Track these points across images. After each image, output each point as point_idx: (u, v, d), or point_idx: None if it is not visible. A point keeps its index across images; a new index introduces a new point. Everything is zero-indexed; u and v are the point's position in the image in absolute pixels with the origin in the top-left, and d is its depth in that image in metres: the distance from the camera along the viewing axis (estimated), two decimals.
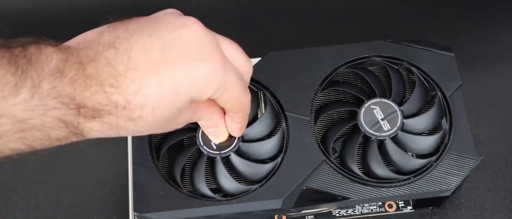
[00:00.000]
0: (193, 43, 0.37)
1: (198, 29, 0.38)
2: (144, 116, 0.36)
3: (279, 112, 0.50)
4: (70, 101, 0.35)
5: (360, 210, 0.53)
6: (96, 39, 0.37)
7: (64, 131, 0.36)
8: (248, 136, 0.49)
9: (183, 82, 0.37)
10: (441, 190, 0.48)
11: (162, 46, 0.37)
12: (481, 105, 0.59)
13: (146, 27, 0.37)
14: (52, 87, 0.34)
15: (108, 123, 0.36)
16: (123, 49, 0.36)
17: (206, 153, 0.48)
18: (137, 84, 0.36)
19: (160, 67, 0.36)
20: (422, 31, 0.64)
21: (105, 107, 0.35)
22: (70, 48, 0.36)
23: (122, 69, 0.35)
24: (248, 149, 0.49)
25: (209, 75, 0.37)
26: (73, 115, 0.35)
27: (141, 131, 0.38)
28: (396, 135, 0.49)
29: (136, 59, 0.36)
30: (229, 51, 0.40)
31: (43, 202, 0.57)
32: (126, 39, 0.36)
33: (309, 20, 0.65)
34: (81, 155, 0.59)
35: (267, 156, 0.49)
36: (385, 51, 0.52)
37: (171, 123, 0.40)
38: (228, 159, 0.49)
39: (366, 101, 0.50)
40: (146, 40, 0.37)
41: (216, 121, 0.44)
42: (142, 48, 0.36)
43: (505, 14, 0.65)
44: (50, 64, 0.34)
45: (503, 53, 0.63)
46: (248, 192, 0.47)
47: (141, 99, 0.36)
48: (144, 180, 0.48)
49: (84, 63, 0.35)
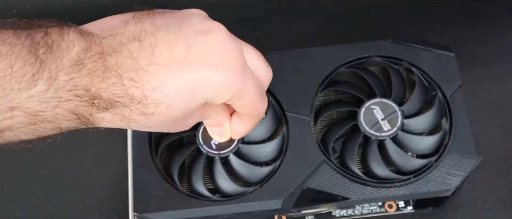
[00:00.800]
0: (217, 47, 0.38)
1: (223, 35, 0.38)
2: (158, 113, 0.36)
3: (280, 115, 0.50)
4: (85, 92, 0.34)
5: (360, 210, 0.53)
6: (120, 28, 0.36)
7: (76, 122, 0.35)
8: (248, 138, 0.49)
9: (201, 85, 0.37)
10: (441, 190, 0.48)
11: (187, 46, 0.37)
12: (481, 105, 0.59)
13: (172, 24, 0.37)
14: (69, 79, 0.33)
15: (121, 115, 0.36)
16: (148, 43, 0.36)
17: (206, 152, 0.48)
18: (157, 80, 0.35)
19: (182, 66, 0.36)
20: (422, 31, 0.64)
21: (120, 99, 0.35)
22: (93, 35, 0.35)
23: (144, 63, 0.35)
24: (247, 151, 0.49)
25: (228, 81, 0.37)
26: (85, 107, 0.35)
27: (150, 126, 0.38)
28: (396, 135, 0.49)
29: (160, 55, 0.36)
30: (252, 59, 0.41)
31: (43, 202, 0.57)
32: (151, 33, 0.36)
33: (309, 20, 0.65)
34: (81, 155, 0.59)
35: (266, 159, 0.49)
36: (385, 51, 0.52)
37: (181, 124, 0.40)
38: (227, 159, 0.49)
39: (366, 101, 0.50)
40: (171, 37, 0.36)
41: (221, 120, 0.44)
42: (167, 44, 0.36)
43: (505, 14, 0.65)
44: (71, 52, 0.34)
45: (503, 53, 0.63)
46: (248, 192, 0.47)
47: (158, 95, 0.36)
48: (144, 180, 0.48)
49: (106, 54, 0.35)
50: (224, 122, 0.44)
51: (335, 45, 0.52)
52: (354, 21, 0.65)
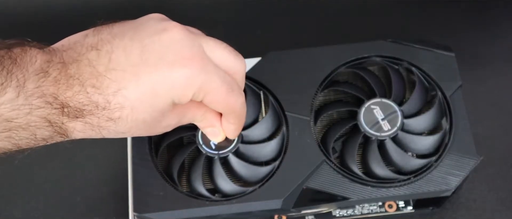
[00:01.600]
0: (172, 46, 0.38)
1: (178, 33, 0.39)
2: (124, 116, 0.37)
3: (280, 114, 0.50)
4: (54, 100, 0.35)
5: (360, 210, 0.53)
6: (80, 41, 0.38)
7: (49, 130, 0.36)
8: (248, 138, 0.49)
9: (161, 84, 0.37)
10: (441, 190, 0.48)
11: (142, 49, 0.37)
12: (481, 105, 0.59)
13: (128, 30, 0.38)
14: (36, 87, 0.35)
15: (90, 123, 0.37)
16: (105, 50, 0.37)
17: (205, 152, 0.48)
18: (117, 84, 0.36)
19: (139, 68, 0.37)
20: (422, 31, 0.64)
21: (86, 107, 0.36)
22: (54, 49, 0.37)
23: (103, 70, 0.36)
24: (247, 150, 0.49)
25: (187, 78, 0.38)
26: (57, 115, 0.36)
27: (123, 132, 0.38)
28: (396, 135, 0.49)
29: (116, 61, 0.37)
30: (215, 52, 0.40)
31: (43, 202, 0.57)
32: (108, 42, 0.37)
33: (309, 20, 0.65)
34: (80, 155, 0.59)
35: (266, 159, 0.49)
36: (385, 51, 0.52)
37: (155, 127, 0.40)
38: (226, 159, 0.49)
39: (366, 101, 0.50)
40: (127, 42, 0.37)
41: (211, 121, 0.44)
42: (122, 50, 0.37)
43: (505, 14, 0.65)
44: (35, 64, 0.35)
45: (503, 53, 0.63)
46: (248, 192, 0.47)
47: (120, 99, 0.36)
48: (144, 180, 0.48)
49: (67, 63, 0.36)
50: (215, 123, 0.44)
51: (335, 45, 0.52)
52: (354, 21, 0.65)
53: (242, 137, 0.49)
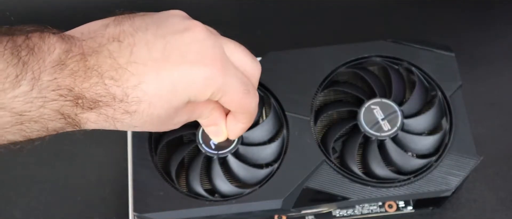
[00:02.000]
0: (194, 45, 0.38)
1: (201, 32, 0.39)
2: (140, 111, 0.37)
3: (281, 117, 0.50)
4: (69, 92, 0.35)
5: (360, 210, 0.53)
6: (101, 31, 0.37)
7: (62, 122, 0.36)
8: (248, 139, 0.49)
9: (181, 82, 0.37)
10: (441, 190, 0.48)
11: (165, 45, 0.37)
12: (481, 105, 0.59)
13: (151, 25, 0.38)
14: (52, 79, 0.34)
15: (105, 115, 0.36)
16: (126, 43, 0.37)
17: (204, 151, 0.48)
18: (137, 78, 0.36)
19: (160, 64, 0.37)
20: (422, 31, 0.64)
21: (103, 99, 0.36)
22: (74, 38, 0.36)
23: (124, 62, 0.36)
24: (246, 152, 0.49)
25: (208, 78, 0.38)
26: (70, 107, 0.35)
27: (136, 126, 0.38)
28: (396, 135, 0.49)
29: (138, 54, 0.36)
30: (234, 54, 0.41)
31: (43, 202, 0.57)
32: (130, 34, 0.37)
33: (309, 20, 0.65)
34: (81, 155, 0.59)
35: (265, 161, 0.49)
36: (385, 51, 0.52)
37: (167, 123, 0.40)
38: (225, 160, 0.49)
39: (366, 101, 0.50)
40: (149, 37, 0.37)
41: (216, 119, 0.44)
42: (145, 44, 0.37)
43: (505, 14, 0.65)
44: (52, 54, 0.35)
45: (503, 53, 0.63)
46: (245, 194, 0.47)
47: (139, 93, 0.36)
48: (144, 180, 0.48)
49: (86, 54, 0.35)
50: (219, 122, 0.44)
51: (335, 45, 0.52)
52: (354, 21, 0.65)
53: (242, 138, 0.49)
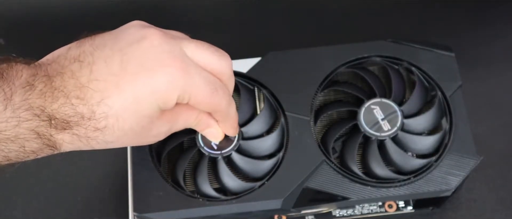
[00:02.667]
0: (151, 52, 0.38)
1: (156, 39, 0.39)
2: (110, 125, 0.37)
3: (276, 108, 0.50)
4: (41, 112, 0.36)
5: (360, 210, 0.53)
6: (63, 54, 0.38)
7: (38, 142, 0.37)
8: (247, 134, 0.49)
9: (142, 91, 0.38)
10: (441, 190, 0.48)
11: (122, 58, 0.38)
12: (481, 105, 0.59)
13: (108, 40, 0.39)
14: (23, 100, 0.35)
15: (77, 134, 0.37)
16: (86, 62, 0.37)
17: (208, 154, 0.48)
18: (99, 94, 0.37)
19: (119, 77, 0.37)
20: (422, 31, 0.64)
21: (72, 118, 0.36)
22: (40, 64, 0.38)
23: (85, 81, 0.37)
24: (248, 146, 0.49)
25: (169, 82, 0.38)
26: (45, 127, 0.36)
27: (112, 141, 0.39)
28: (396, 135, 0.49)
29: (98, 71, 0.37)
30: (197, 54, 0.40)
31: (43, 202, 0.57)
32: (90, 53, 0.38)
33: (309, 20, 0.65)
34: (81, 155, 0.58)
35: (268, 152, 0.49)
36: (385, 51, 0.52)
37: (146, 135, 0.40)
38: (230, 158, 0.49)
39: (366, 101, 0.50)
40: (107, 53, 0.38)
41: (207, 122, 0.44)
42: (103, 60, 0.38)
43: (505, 14, 0.65)
44: (20, 78, 0.36)
45: (503, 53, 0.63)
46: (248, 192, 0.47)
47: (104, 108, 0.37)
48: (144, 180, 0.48)
49: (51, 76, 0.37)
50: (212, 123, 0.44)
51: (335, 45, 0.52)
52: (354, 21, 0.65)
53: (242, 134, 0.49)
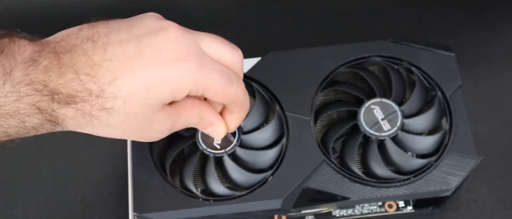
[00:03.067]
0: (168, 43, 0.39)
1: (174, 31, 0.39)
2: (117, 107, 0.37)
3: (283, 126, 0.50)
4: (44, 87, 0.35)
5: (360, 210, 0.53)
6: (74, 33, 0.38)
7: (39, 117, 0.36)
8: (246, 142, 0.49)
9: (155, 79, 0.38)
10: (441, 190, 0.48)
11: (138, 44, 0.38)
12: (481, 105, 0.59)
13: (124, 26, 0.39)
14: (24, 75, 0.35)
15: (82, 111, 0.37)
16: (101, 42, 0.37)
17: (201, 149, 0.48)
18: (112, 74, 0.37)
19: (134, 61, 0.37)
20: (422, 31, 0.64)
21: (79, 94, 0.36)
22: (47, 41, 0.37)
23: (99, 60, 0.37)
24: (243, 155, 0.49)
25: (184, 74, 0.38)
26: (46, 101, 0.36)
27: (113, 125, 0.38)
28: (396, 135, 0.49)
29: (112, 52, 0.37)
30: (212, 47, 0.41)
31: (43, 202, 0.57)
32: (104, 35, 0.38)
33: (309, 20, 0.65)
34: (81, 155, 0.59)
35: (261, 166, 0.49)
36: (385, 51, 0.52)
37: (147, 128, 0.40)
38: (221, 160, 0.48)
39: (366, 101, 0.50)
40: (122, 37, 0.38)
41: (209, 120, 0.44)
42: (118, 43, 0.38)
43: (505, 14, 0.65)
44: (23, 54, 0.35)
45: (503, 53, 0.63)
46: (237, 196, 0.47)
47: (114, 89, 0.37)
48: (144, 180, 0.48)
49: (59, 53, 0.36)
50: (213, 121, 0.44)
51: (335, 45, 0.52)
52: (354, 21, 0.65)
53: (241, 141, 0.49)
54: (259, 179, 0.48)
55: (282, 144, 0.49)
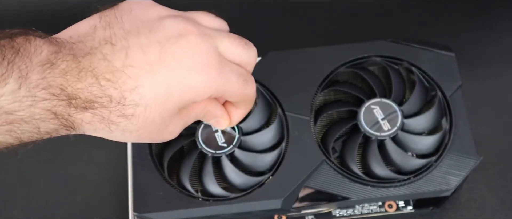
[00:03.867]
0: (190, 51, 0.38)
1: (194, 38, 0.39)
2: (137, 114, 0.37)
3: (272, 101, 0.50)
4: (61, 92, 0.34)
5: (360, 210, 0.53)
6: (90, 34, 0.36)
7: (54, 123, 0.35)
8: (246, 144, 0.49)
9: (177, 87, 0.37)
10: (441, 190, 0.48)
11: (160, 50, 0.37)
12: (481, 105, 0.59)
13: (142, 28, 0.38)
14: (41, 78, 0.33)
15: (100, 116, 0.36)
16: (120, 46, 0.36)
17: (200, 147, 0.48)
18: (134, 81, 0.36)
19: (156, 68, 0.37)
20: (422, 31, 0.64)
21: (99, 100, 0.35)
22: (62, 40, 0.36)
23: (120, 65, 0.36)
24: (242, 156, 0.49)
25: (205, 81, 0.38)
26: (63, 106, 0.34)
27: (131, 130, 0.37)
28: (396, 135, 0.49)
29: (134, 57, 0.36)
30: (229, 50, 0.41)
31: (43, 202, 0.57)
32: (123, 37, 0.37)
33: (309, 20, 0.65)
34: (81, 155, 0.59)
35: (259, 169, 0.49)
36: (385, 51, 0.52)
37: (162, 131, 0.40)
38: (219, 160, 0.48)
39: (366, 101, 0.50)
40: (143, 41, 0.37)
41: (214, 113, 0.44)
42: (139, 47, 0.37)
43: (505, 14, 0.65)
44: (40, 55, 0.34)
45: (503, 53, 0.63)
46: (233, 197, 0.47)
47: (136, 97, 0.36)
48: (144, 180, 0.48)
49: (78, 56, 0.35)
50: (217, 113, 0.44)
51: (335, 45, 0.52)
52: (354, 21, 0.65)
53: (240, 142, 0.49)
54: (255, 182, 0.48)
55: (281, 149, 0.49)
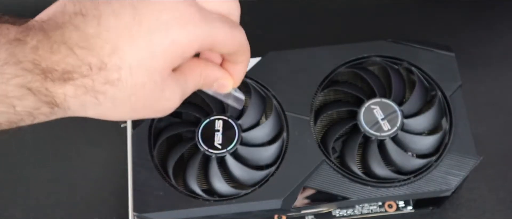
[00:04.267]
0: (166, 4, 0.36)
1: None
2: (123, 78, 0.35)
3: (282, 119, 0.50)
4: (35, 67, 0.33)
5: (360, 210, 0.53)
6: (59, 11, 0.35)
7: (31, 99, 0.34)
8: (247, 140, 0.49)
9: (160, 43, 0.35)
10: (441, 190, 0.48)
11: (134, 10, 0.35)
12: (481, 105, 0.59)
13: None
14: (9, 55, 0.32)
15: (84, 87, 0.34)
16: (91, 15, 0.35)
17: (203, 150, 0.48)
18: (111, 45, 0.34)
19: (133, 29, 0.35)
20: (422, 31, 0.64)
21: (77, 69, 0.34)
22: (32, 22, 0.35)
23: (93, 32, 0.34)
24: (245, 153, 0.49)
25: (189, 32, 0.36)
26: (39, 81, 0.33)
27: (121, 98, 0.36)
28: (396, 135, 0.49)
29: (107, 23, 0.35)
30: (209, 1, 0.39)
31: (43, 202, 0.57)
32: (94, 7, 0.35)
33: (309, 20, 0.65)
34: (81, 155, 0.59)
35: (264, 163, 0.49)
36: (385, 51, 0.52)
37: (158, 97, 0.37)
38: (223, 160, 0.48)
39: (366, 101, 0.50)
40: (115, 6, 0.35)
41: (213, 75, 0.42)
42: (111, 13, 0.35)
43: (505, 14, 0.65)
44: (7, 36, 0.33)
45: (503, 53, 0.63)
46: (244, 194, 0.47)
47: (117, 60, 0.34)
48: (144, 180, 0.48)
49: (48, 31, 0.34)
50: (217, 75, 0.42)
51: (335, 45, 0.52)
52: (354, 21, 0.65)
53: (241, 138, 0.49)
54: (263, 176, 0.48)
55: (283, 139, 0.49)
